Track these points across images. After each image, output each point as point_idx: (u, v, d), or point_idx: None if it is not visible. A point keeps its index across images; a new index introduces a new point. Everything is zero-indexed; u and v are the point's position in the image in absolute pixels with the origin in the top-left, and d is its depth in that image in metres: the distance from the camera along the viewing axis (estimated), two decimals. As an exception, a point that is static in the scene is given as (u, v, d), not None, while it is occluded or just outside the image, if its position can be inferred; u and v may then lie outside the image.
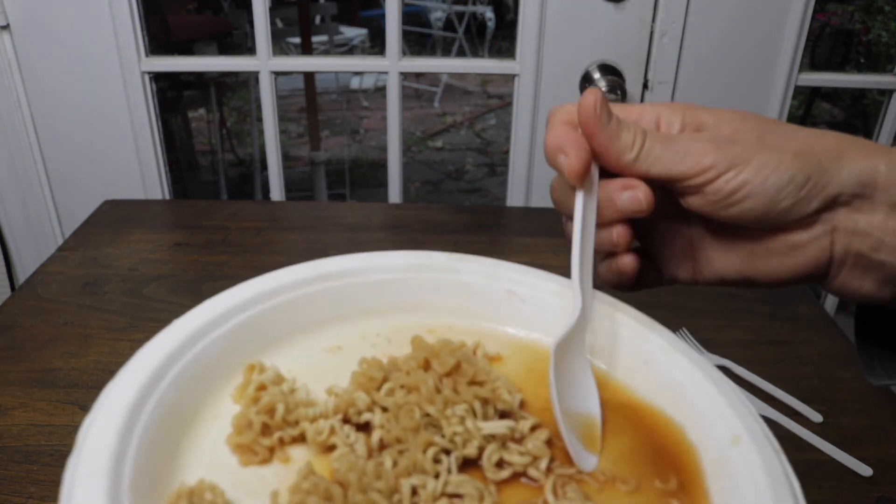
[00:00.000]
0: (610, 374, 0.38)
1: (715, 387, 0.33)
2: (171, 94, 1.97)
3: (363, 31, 3.91)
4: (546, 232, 0.95)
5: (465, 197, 2.94)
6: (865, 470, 0.60)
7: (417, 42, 4.23)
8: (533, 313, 0.40)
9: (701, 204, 0.36)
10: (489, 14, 4.09)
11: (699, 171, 0.34)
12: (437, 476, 0.30)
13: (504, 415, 0.33)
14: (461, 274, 0.41)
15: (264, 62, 1.09)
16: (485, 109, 3.80)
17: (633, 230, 0.37)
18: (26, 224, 1.19)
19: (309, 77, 2.23)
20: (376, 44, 3.90)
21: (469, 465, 0.31)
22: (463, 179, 3.10)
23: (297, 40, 3.13)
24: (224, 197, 2.34)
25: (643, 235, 0.40)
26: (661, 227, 0.39)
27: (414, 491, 0.29)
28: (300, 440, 0.32)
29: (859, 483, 0.59)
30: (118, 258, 0.89)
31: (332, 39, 3.64)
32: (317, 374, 0.36)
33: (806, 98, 2.49)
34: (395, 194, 1.18)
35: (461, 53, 3.93)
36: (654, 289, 0.41)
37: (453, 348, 0.35)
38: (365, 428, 0.33)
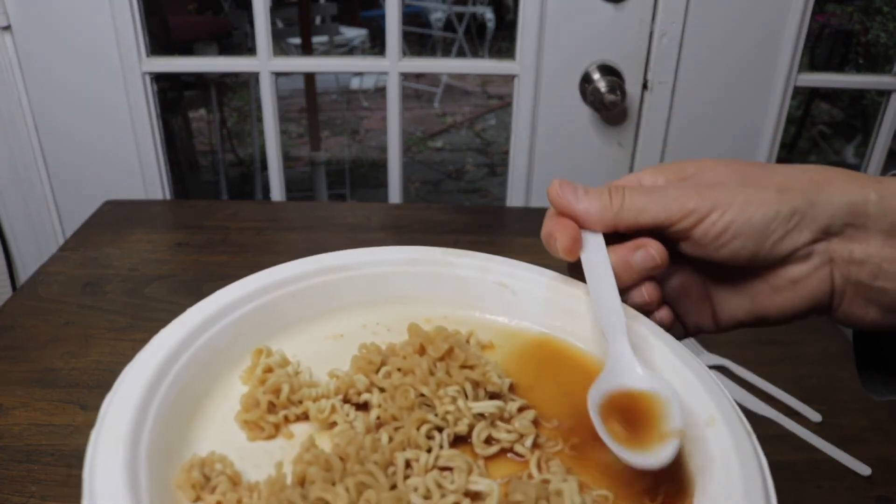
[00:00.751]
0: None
1: (692, 372, 0.35)
2: (172, 95, 1.97)
3: (363, 32, 3.91)
4: (546, 232, 0.96)
5: (465, 197, 2.94)
6: (864, 469, 0.60)
7: (417, 42, 4.23)
8: (523, 304, 0.42)
9: (694, 249, 0.37)
10: (489, 14, 4.09)
11: (683, 216, 0.36)
12: (430, 451, 0.32)
13: (493, 396, 0.35)
14: (456, 268, 0.43)
15: (265, 62, 1.09)
16: (485, 110, 3.80)
17: (660, 287, 0.38)
18: (27, 224, 1.19)
19: (309, 77, 2.23)
20: (376, 44, 3.90)
21: (460, 442, 0.34)
22: (463, 179, 3.10)
23: (298, 41, 3.13)
24: (224, 197, 2.34)
25: (664, 292, 0.41)
26: (676, 281, 0.40)
27: (408, 464, 0.31)
28: (303, 418, 0.35)
29: (858, 483, 0.59)
30: (119, 258, 0.89)
31: (333, 40, 3.64)
32: (320, 359, 0.38)
33: (805, 98, 2.49)
34: (396, 194, 1.19)
35: (461, 54, 3.93)
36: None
37: (447, 335, 0.37)
38: (364, 407, 0.35)
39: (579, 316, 0.40)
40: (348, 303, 0.42)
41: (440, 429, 0.33)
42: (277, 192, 1.19)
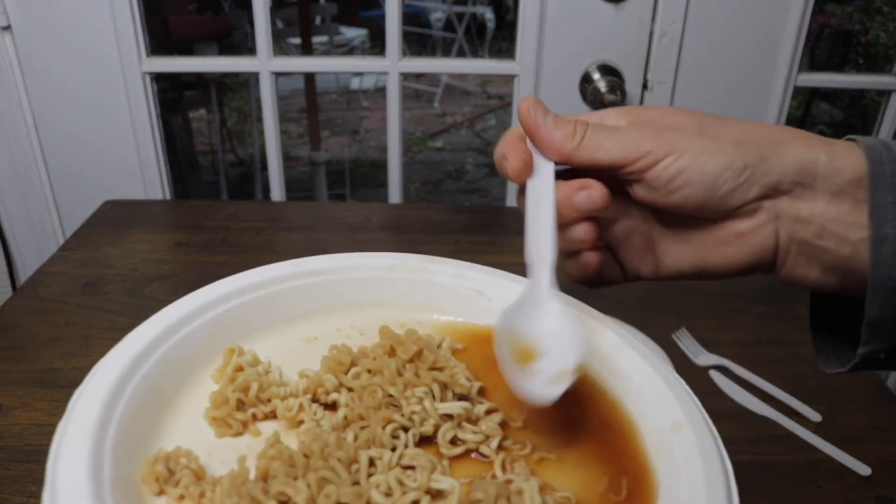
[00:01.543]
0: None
1: (661, 378, 0.35)
2: (172, 95, 1.98)
3: (363, 32, 3.91)
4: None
5: (465, 197, 2.94)
6: (864, 469, 0.60)
7: (417, 42, 4.23)
8: (498, 311, 0.42)
9: (645, 193, 0.37)
10: (489, 14, 4.09)
11: (639, 157, 0.36)
12: (394, 449, 0.32)
13: (462, 399, 0.36)
14: (432, 274, 0.44)
15: (265, 63, 1.09)
16: (485, 110, 3.80)
17: (598, 228, 0.39)
18: (27, 224, 1.19)
19: (309, 77, 2.23)
20: (376, 44, 3.90)
21: (426, 443, 0.34)
22: (463, 179, 3.10)
23: (298, 41, 3.13)
24: (224, 197, 2.34)
25: (606, 234, 0.41)
26: (622, 225, 0.41)
27: (372, 462, 0.31)
28: (272, 417, 0.35)
29: (858, 482, 0.59)
30: (119, 258, 0.89)
31: (333, 40, 3.64)
32: (292, 360, 0.39)
33: (805, 98, 2.49)
34: (396, 194, 1.19)
35: (461, 54, 3.93)
36: (654, 290, 0.42)
37: (417, 337, 0.37)
38: (333, 407, 0.36)
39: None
40: (324, 306, 0.43)
41: (406, 429, 0.33)
42: (277, 192, 1.19)
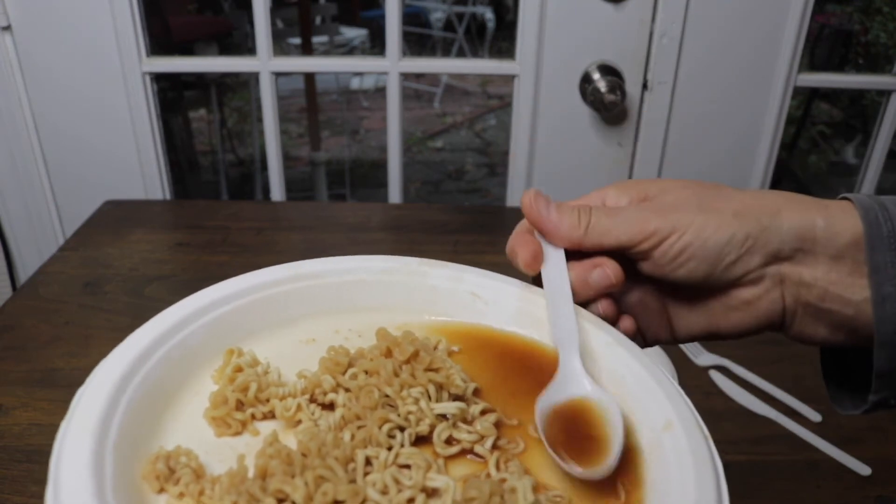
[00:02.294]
0: None
1: (653, 378, 0.36)
2: (172, 95, 1.98)
3: (363, 32, 3.91)
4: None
5: (465, 197, 2.94)
6: (864, 469, 0.60)
7: (417, 42, 4.23)
8: (495, 313, 0.43)
9: (653, 269, 0.39)
10: (489, 15, 4.09)
11: (644, 238, 0.38)
12: (390, 448, 0.33)
13: (458, 399, 0.36)
14: (429, 277, 0.44)
15: (265, 63, 1.09)
16: (485, 110, 3.80)
17: (617, 303, 0.40)
18: (27, 224, 1.19)
19: (309, 77, 2.23)
20: (376, 44, 3.90)
21: (422, 442, 0.34)
22: (463, 179, 3.10)
23: (298, 41, 3.13)
24: (224, 197, 2.35)
25: (622, 306, 0.43)
26: (635, 297, 0.42)
27: (368, 461, 0.32)
28: (270, 417, 0.36)
29: (858, 482, 0.59)
30: (119, 258, 0.89)
31: (333, 40, 3.64)
32: (291, 362, 0.39)
33: (805, 98, 2.49)
34: (396, 194, 1.19)
35: (461, 54, 3.93)
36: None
37: (413, 339, 0.38)
38: (330, 407, 0.36)
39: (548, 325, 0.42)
40: (323, 309, 0.43)
41: (402, 428, 0.34)
42: (277, 192, 1.19)
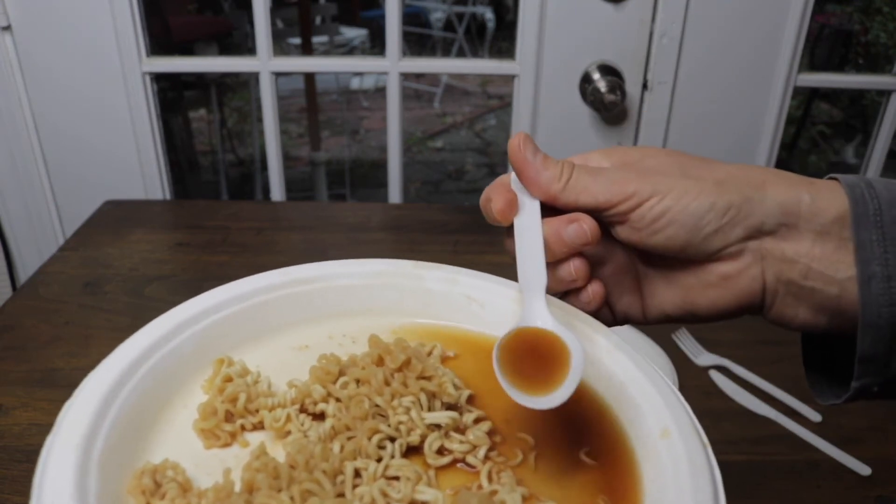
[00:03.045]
0: None
1: (652, 385, 0.35)
2: (172, 95, 1.98)
3: (363, 32, 3.91)
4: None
5: (465, 197, 2.94)
6: (864, 469, 0.60)
7: (417, 42, 4.23)
8: (490, 316, 0.42)
9: (629, 233, 0.38)
10: (489, 15, 4.09)
11: (623, 199, 0.36)
12: (380, 460, 0.32)
13: (450, 407, 0.35)
14: (424, 280, 0.43)
15: (265, 63, 1.09)
16: (485, 110, 3.80)
17: (589, 265, 0.39)
18: (27, 224, 1.19)
19: (309, 77, 2.23)
20: (376, 44, 3.90)
21: (413, 453, 0.34)
22: (463, 179, 3.10)
23: (298, 41, 3.13)
24: (224, 197, 2.34)
25: (595, 276, 0.41)
26: (608, 267, 0.41)
27: (357, 473, 0.31)
28: (260, 427, 0.35)
29: (858, 482, 0.59)
30: (119, 258, 0.89)
31: (333, 40, 3.64)
32: (283, 370, 0.39)
33: (805, 98, 2.49)
34: (396, 194, 1.19)
35: (461, 54, 3.93)
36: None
37: (405, 346, 0.37)
38: (321, 417, 0.36)
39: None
40: (316, 314, 0.42)
41: (393, 439, 0.33)
42: (277, 192, 1.19)
